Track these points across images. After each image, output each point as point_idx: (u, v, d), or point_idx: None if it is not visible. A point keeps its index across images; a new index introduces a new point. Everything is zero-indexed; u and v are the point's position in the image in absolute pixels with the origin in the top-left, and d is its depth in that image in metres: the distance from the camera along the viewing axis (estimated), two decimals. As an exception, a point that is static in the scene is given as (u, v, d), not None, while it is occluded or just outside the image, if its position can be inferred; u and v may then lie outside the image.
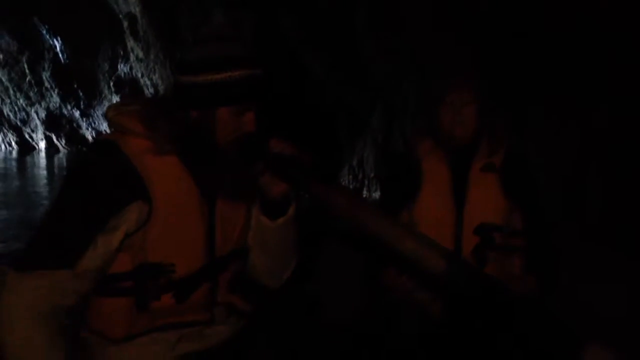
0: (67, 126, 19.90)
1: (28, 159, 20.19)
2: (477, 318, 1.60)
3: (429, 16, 4.26)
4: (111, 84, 15.19)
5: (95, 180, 1.26)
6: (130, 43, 12.49)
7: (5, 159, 19.35)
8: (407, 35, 4.45)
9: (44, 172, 16.39)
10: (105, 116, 1.35)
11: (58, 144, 20.54)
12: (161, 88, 12.12)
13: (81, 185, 1.28)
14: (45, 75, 18.35)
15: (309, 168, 1.30)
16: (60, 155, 20.87)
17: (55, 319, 1.22)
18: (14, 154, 22.13)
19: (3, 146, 23.55)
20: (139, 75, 13.46)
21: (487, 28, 3.87)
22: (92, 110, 17.78)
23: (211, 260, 1.38)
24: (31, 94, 19.58)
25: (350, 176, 6.63)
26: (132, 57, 13.07)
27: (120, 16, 11.76)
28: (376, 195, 6.36)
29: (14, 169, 17.51)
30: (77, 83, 17.75)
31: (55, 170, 16.53)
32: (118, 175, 1.26)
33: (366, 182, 6.89)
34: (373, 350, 1.82)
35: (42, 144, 21.63)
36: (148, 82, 12.66)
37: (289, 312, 2.04)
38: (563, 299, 1.86)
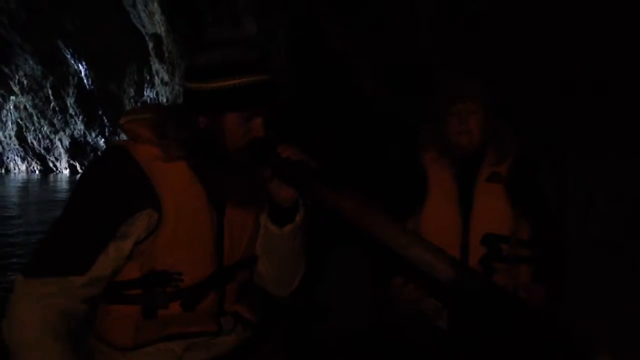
0: (92, 154, 20.38)
1: (51, 177, 21.21)
2: (483, 328, 1.63)
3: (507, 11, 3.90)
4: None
5: (106, 186, 1.35)
6: (156, 65, 12.87)
7: (29, 179, 20.33)
8: (483, 31, 4.13)
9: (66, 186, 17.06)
10: (119, 124, 1.45)
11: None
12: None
13: (92, 191, 1.37)
14: (70, 101, 18.96)
15: (317, 173, 1.37)
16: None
17: (64, 324, 1.29)
18: (36, 176, 23.23)
19: (25, 175, 24.47)
20: (164, 100, 13.82)
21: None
22: (116, 138, 18.18)
23: (219, 269, 1.45)
24: (55, 120, 20.22)
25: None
26: (156, 81, 13.45)
27: (146, 38, 12.13)
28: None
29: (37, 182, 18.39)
30: (102, 109, 18.25)
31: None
32: (129, 182, 1.35)
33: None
34: (380, 358, 1.86)
35: (66, 172, 22.34)
36: (173, 107, 12.93)
37: (297, 319, 2.10)
38: (571, 308, 1.87)
